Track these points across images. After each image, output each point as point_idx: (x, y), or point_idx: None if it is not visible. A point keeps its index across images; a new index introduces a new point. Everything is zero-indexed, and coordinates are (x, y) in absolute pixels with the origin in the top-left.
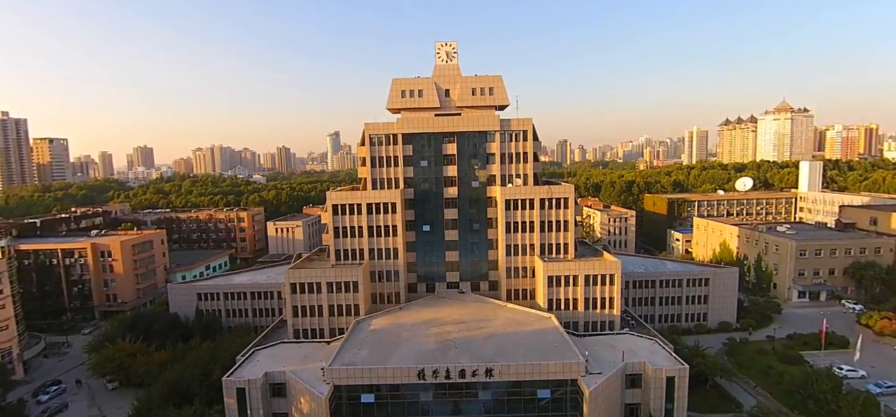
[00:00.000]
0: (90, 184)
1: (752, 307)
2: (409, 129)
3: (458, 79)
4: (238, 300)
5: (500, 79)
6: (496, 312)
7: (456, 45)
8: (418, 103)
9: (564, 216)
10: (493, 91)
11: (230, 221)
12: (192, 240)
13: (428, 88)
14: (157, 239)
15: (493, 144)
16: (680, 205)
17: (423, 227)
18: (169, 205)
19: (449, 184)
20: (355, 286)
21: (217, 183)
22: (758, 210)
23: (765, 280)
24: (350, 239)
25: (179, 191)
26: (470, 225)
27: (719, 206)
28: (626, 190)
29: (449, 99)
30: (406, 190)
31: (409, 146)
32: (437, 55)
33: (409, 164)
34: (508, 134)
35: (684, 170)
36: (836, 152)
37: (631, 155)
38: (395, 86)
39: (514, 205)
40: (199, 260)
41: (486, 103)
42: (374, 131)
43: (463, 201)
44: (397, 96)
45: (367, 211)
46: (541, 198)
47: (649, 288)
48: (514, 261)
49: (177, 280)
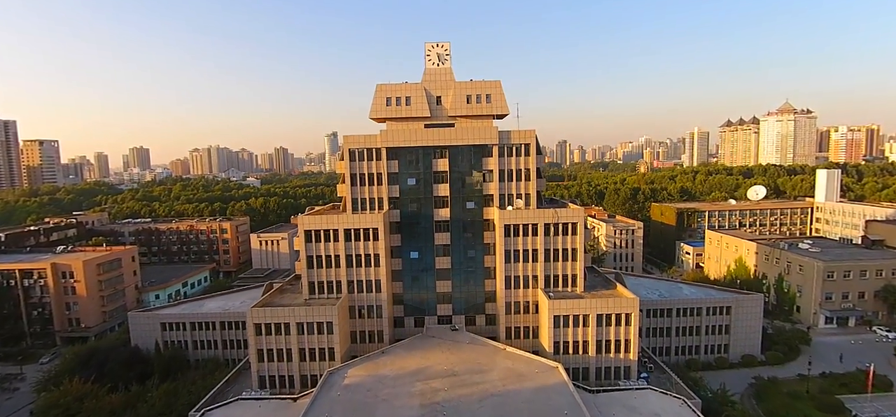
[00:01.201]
0: (79, 187)
1: (777, 336)
2: (395, 143)
3: (451, 84)
4: (207, 330)
5: (498, 85)
6: (493, 359)
7: (449, 46)
8: (406, 112)
9: (572, 243)
10: (490, 98)
11: (212, 232)
12: (173, 253)
13: (417, 95)
14: (126, 257)
15: (491, 160)
16: (689, 215)
17: (411, 254)
18: (151, 214)
19: (440, 204)
20: (330, 327)
21: (209, 186)
22: (771, 221)
23: (787, 302)
24: (326, 270)
25: (169, 195)
26: (464, 251)
27: (731, 216)
28: (630, 197)
29: (440, 107)
30: (391, 211)
31: (394, 162)
32: (426, 57)
33: (395, 183)
34: (508, 148)
35: (689, 174)
36: (841, 154)
37: (631, 156)
38: (380, 93)
39: (514, 230)
40: (175, 277)
41: (482, 112)
42: (355, 145)
43: (456, 224)
44: (382, 104)
45: (344, 237)
46: (545, 223)
47: (665, 318)
48: (514, 295)
49: (149, 300)
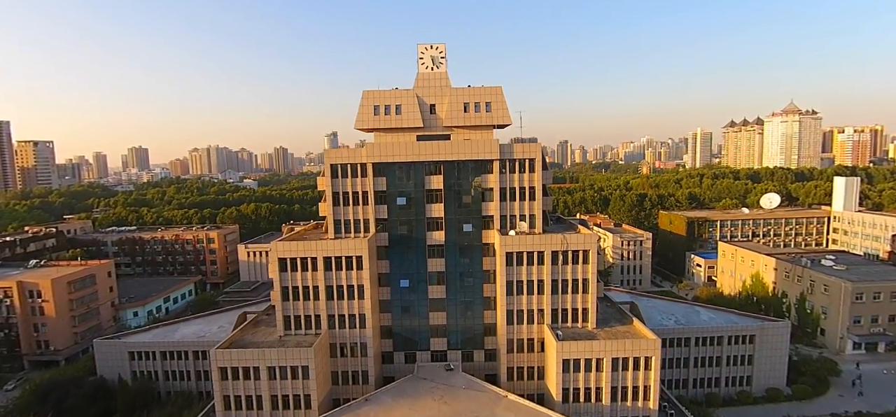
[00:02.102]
0: (73, 189)
1: (803, 365)
2: (382, 157)
3: (447, 91)
4: (179, 360)
5: (499, 92)
6: (493, 411)
7: (444, 48)
8: (395, 122)
9: (584, 273)
10: (490, 107)
11: (199, 242)
12: (158, 264)
13: (408, 103)
14: (101, 273)
15: (491, 176)
16: (700, 224)
17: (401, 282)
18: (139, 221)
19: (434, 227)
20: (306, 371)
21: (205, 188)
22: (786, 230)
23: (809, 324)
24: (303, 303)
25: (162, 199)
26: (460, 279)
27: (744, 226)
28: (637, 204)
29: (434, 116)
30: (379, 235)
31: (382, 179)
32: (419, 60)
33: (383, 202)
34: (511, 163)
35: (695, 178)
36: (847, 156)
37: (632, 156)
38: (366, 100)
39: (517, 258)
40: (157, 292)
41: (481, 122)
42: (337, 159)
43: (452, 249)
44: (369, 113)
45: (324, 266)
46: (553, 250)
47: (683, 348)
48: (517, 331)
49: (127, 318)
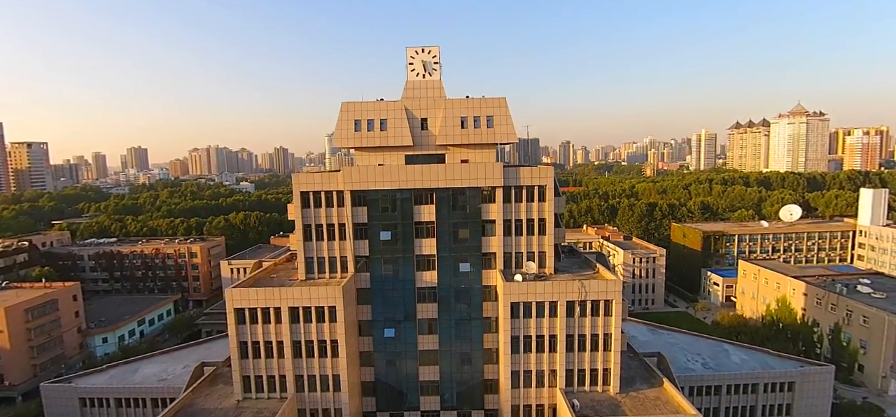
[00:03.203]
0: (65, 193)
1: (846, 413)
2: (362, 184)
3: (441, 102)
4: (137, 408)
5: (503, 104)
6: None
7: (438, 51)
8: (380, 140)
9: (605, 326)
10: (492, 121)
11: (180, 256)
12: (137, 280)
13: (395, 117)
14: (65, 297)
15: (493, 206)
16: (717, 239)
17: (386, 331)
18: (122, 230)
19: (425, 266)
20: None
21: (200, 191)
22: (808, 245)
23: (845, 359)
24: (266, 361)
25: (154, 203)
26: (456, 327)
27: (763, 241)
28: (646, 215)
29: (426, 133)
30: (359, 275)
31: (362, 209)
32: (409, 66)
33: (364, 236)
34: (517, 190)
35: (704, 183)
36: (856, 159)
37: (635, 157)
38: (346, 113)
39: (525, 309)
40: (131, 313)
41: (481, 140)
42: (309, 186)
43: (446, 293)
44: (348, 129)
45: (290, 317)
46: (568, 300)
47: (713, 397)
48: (524, 396)
49: (95, 345)
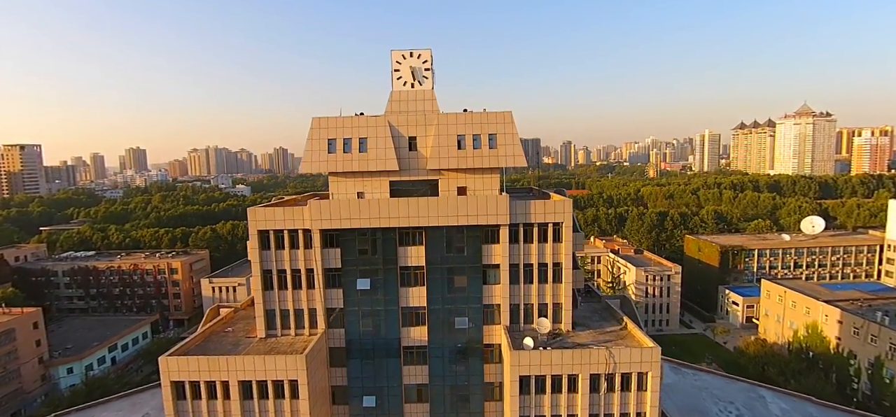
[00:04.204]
0: (56, 197)
1: None
2: (334, 222)
3: (434, 117)
4: None
5: (508, 119)
6: None
7: (429, 55)
8: (359, 163)
9: (638, 404)
10: (495, 140)
11: (160, 272)
12: (114, 297)
13: (377, 135)
14: (23, 325)
15: (497, 248)
16: (735, 254)
17: (365, 400)
18: (104, 241)
19: (412, 320)
20: None
21: (194, 195)
22: (833, 260)
23: (888, 396)
24: None
25: (145, 208)
26: (451, 396)
27: (785, 256)
28: (657, 225)
29: (415, 155)
30: (332, 331)
31: (334, 251)
32: (394, 73)
33: (337, 284)
34: (527, 228)
35: (713, 188)
36: (864, 161)
37: (636, 157)
38: (317, 131)
39: (538, 384)
40: (102, 339)
41: (482, 163)
42: (268, 223)
43: (438, 352)
44: (320, 149)
45: (241, 393)
46: (592, 373)
47: None
48: None
49: (58, 377)
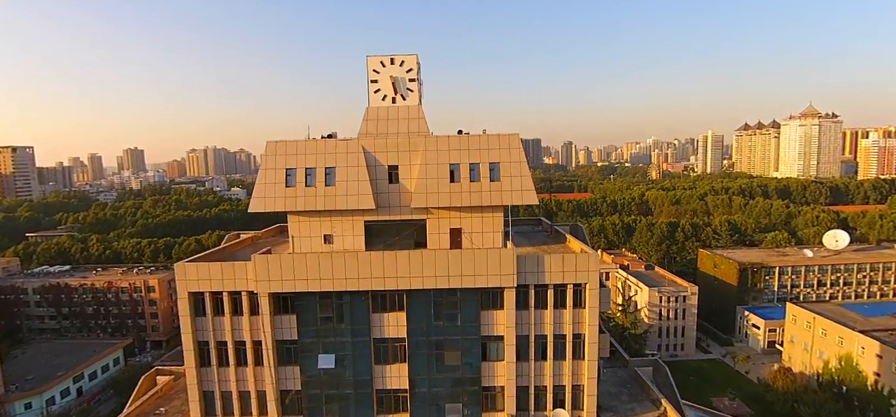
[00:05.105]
0: (47, 201)
1: None
2: (286, 285)
3: (420, 142)
4: None
5: (514, 143)
6: None
7: (415, 62)
8: (325, 200)
9: None
10: (498, 171)
11: (136, 291)
12: (87, 317)
13: (348, 163)
14: None
15: (500, 315)
16: (754, 272)
17: None
18: (83, 253)
19: (390, 407)
20: None
21: (187, 199)
22: (858, 279)
23: None
24: None
25: (135, 214)
26: None
27: (808, 273)
28: (667, 236)
29: (397, 188)
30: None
31: (289, 318)
32: (371, 84)
33: (293, 361)
34: (539, 291)
35: (720, 193)
36: (872, 163)
37: (638, 158)
38: (273, 158)
39: None
40: (68, 368)
41: (482, 200)
42: (202, 283)
43: None
44: (276, 182)
45: None
46: None
47: None
48: None
49: (15, 413)
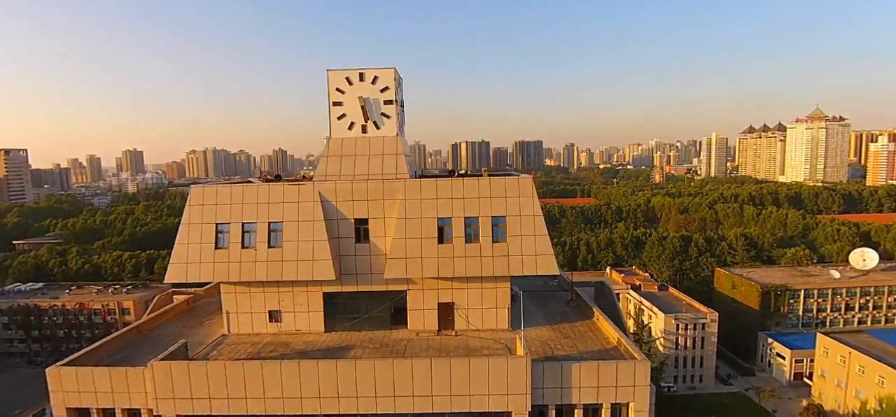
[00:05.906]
0: (38, 206)
1: None
2: (199, 407)
3: (398, 186)
4: None
5: (527, 188)
6: None
7: (393, 78)
8: (266, 270)
9: None
10: (504, 227)
11: (110, 312)
12: (59, 341)
13: (299, 216)
14: None
15: None
16: (778, 295)
17: None
18: (62, 268)
19: None
20: None
21: (182, 204)
22: (889, 302)
23: None
24: None
25: (125, 221)
26: None
27: (835, 296)
28: (680, 251)
29: (366, 248)
30: None
31: None
32: (334, 109)
33: None
34: (563, 412)
35: (730, 201)
36: (881, 168)
37: (640, 159)
38: (197, 210)
39: None
40: (28, 404)
41: (481, 270)
42: (84, 397)
43: None
44: (201, 243)
45: None
46: None
47: None
48: None
49: None
